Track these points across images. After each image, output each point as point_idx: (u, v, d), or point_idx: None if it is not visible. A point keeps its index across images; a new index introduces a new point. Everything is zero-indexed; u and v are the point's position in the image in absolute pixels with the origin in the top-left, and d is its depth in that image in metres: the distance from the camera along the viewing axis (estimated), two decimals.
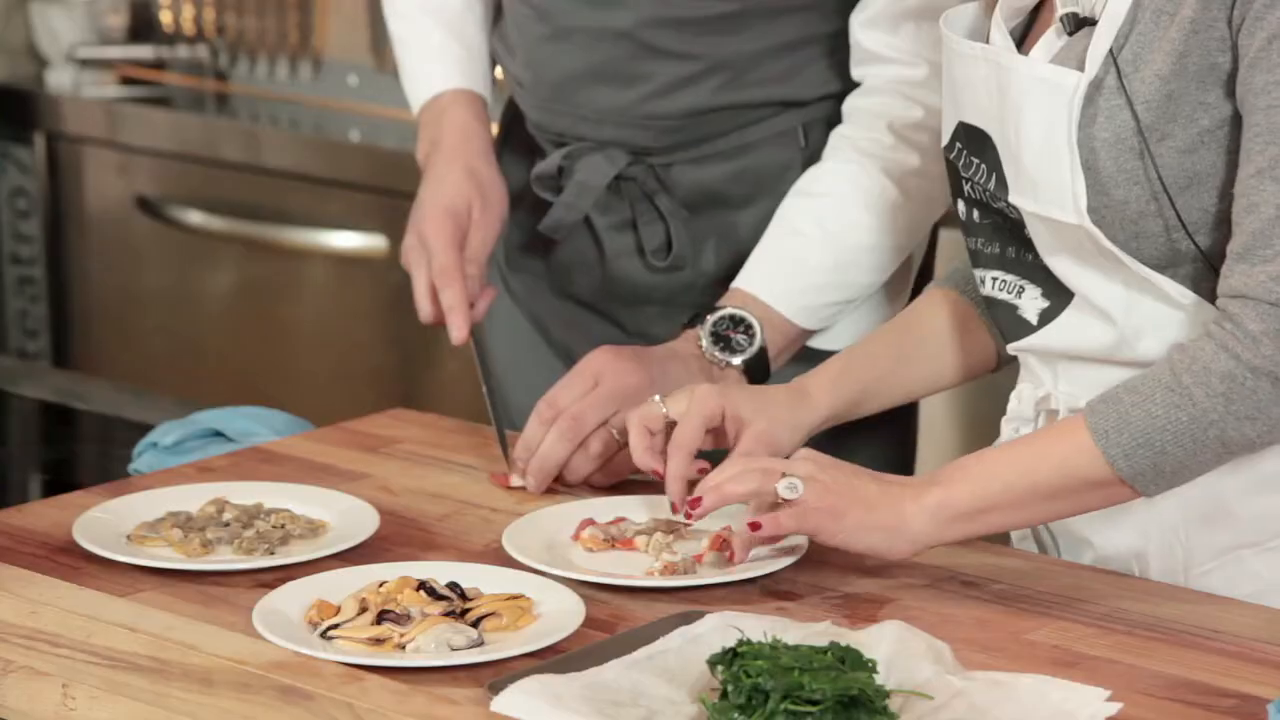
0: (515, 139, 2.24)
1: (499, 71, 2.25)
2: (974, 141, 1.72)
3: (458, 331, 2.02)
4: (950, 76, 1.75)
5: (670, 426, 1.81)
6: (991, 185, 1.71)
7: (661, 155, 2.12)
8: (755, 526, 1.67)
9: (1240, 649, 1.59)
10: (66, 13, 4.03)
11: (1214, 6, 1.60)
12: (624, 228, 2.15)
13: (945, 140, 1.76)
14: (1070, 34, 1.67)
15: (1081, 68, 1.64)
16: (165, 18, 4.05)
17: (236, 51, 3.97)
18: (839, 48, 2.06)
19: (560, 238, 2.17)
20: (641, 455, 1.80)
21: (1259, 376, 1.59)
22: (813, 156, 2.09)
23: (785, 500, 1.66)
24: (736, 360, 1.99)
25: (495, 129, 2.28)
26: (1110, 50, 1.63)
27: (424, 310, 2.06)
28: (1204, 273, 1.66)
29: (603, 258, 2.16)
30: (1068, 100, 1.64)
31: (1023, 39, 1.73)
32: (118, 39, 4.07)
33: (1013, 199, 1.69)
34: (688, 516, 1.71)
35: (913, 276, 2.14)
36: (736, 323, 1.99)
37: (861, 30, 2.03)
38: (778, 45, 2.07)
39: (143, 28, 4.09)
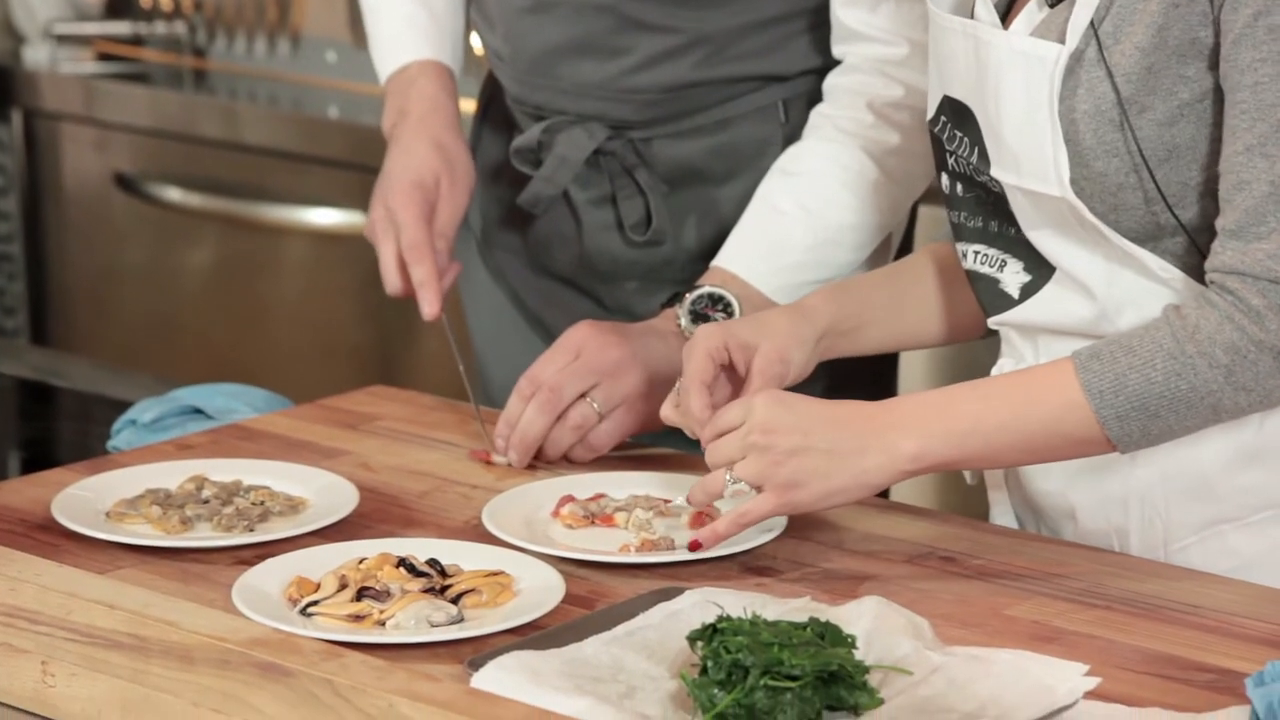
0: (494, 113, 2.24)
1: (478, 46, 2.24)
2: (957, 115, 1.72)
3: (429, 307, 2.02)
4: (935, 50, 1.75)
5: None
6: (974, 159, 1.71)
7: (641, 129, 2.11)
8: (694, 547, 1.67)
9: (1219, 624, 1.60)
10: None
11: None
12: (603, 202, 2.14)
13: (930, 113, 1.76)
14: (1051, 6, 1.67)
15: (1062, 40, 1.64)
16: None
17: (214, 28, 3.96)
18: (821, 23, 2.06)
19: (539, 212, 2.16)
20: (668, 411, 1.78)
21: (1262, 350, 1.59)
22: (793, 132, 2.09)
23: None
24: None
25: (473, 103, 2.28)
26: (1091, 22, 1.63)
27: (391, 283, 2.05)
28: (1186, 247, 1.66)
29: (581, 233, 2.16)
30: (1048, 73, 1.64)
31: (1008, 11, 1.73)
32: (95, 15, 4.05)
33: (994, 172, 1.69)
34: (692, 547, 1.70)
35: (892, 255, 2.14)
36: (715, 301, 1.99)
37: (842, 8, 2.03)
38: (760, 20, 2.06)
39: (120, 4, 4.07)
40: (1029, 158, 1.66)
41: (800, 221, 2.01)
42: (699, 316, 1.99)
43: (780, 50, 2.09)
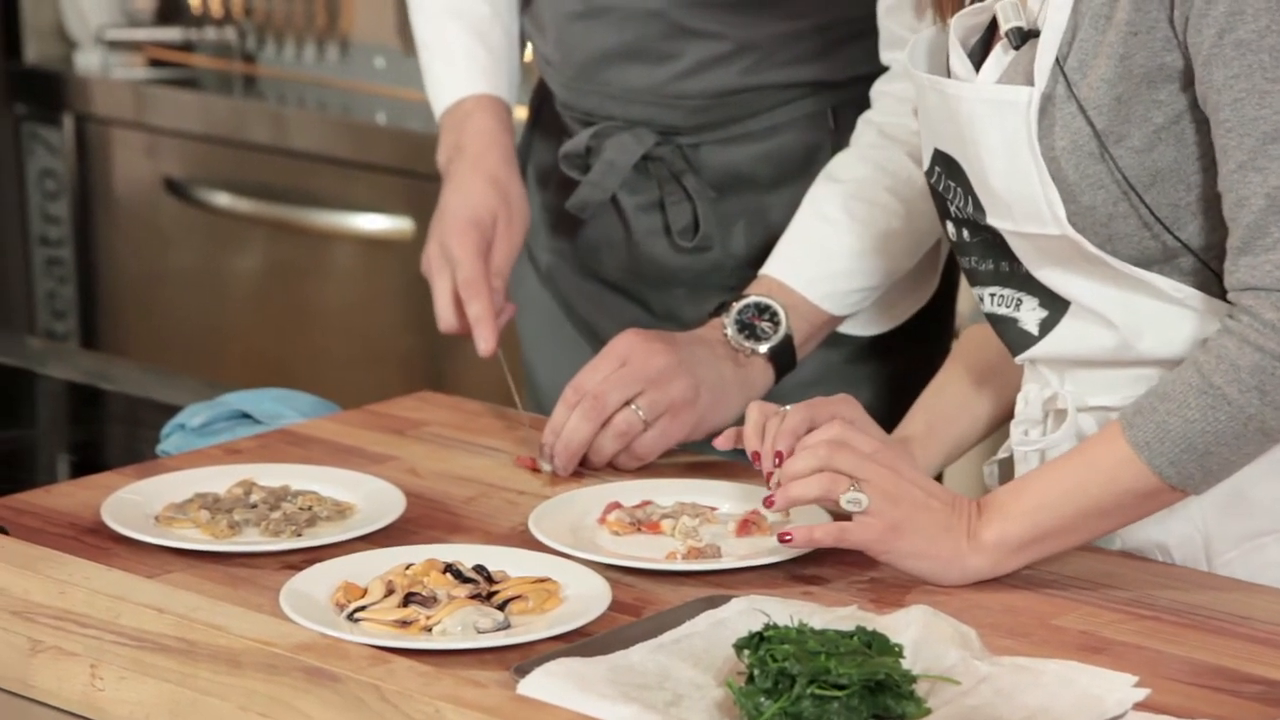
0: (545, 119, 2.24)
1: (529, 52, 2.25)
2: (948, 167, 1.73)
3: (485, 344, 2.01)
4: (919, 105, 1.76)
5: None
6: (970, 209, 1.72)
7: (690, 135, 2.11)
8: (785, 538, 1.67)
9: (1268, 635, 1.59)
10: None
11: (1150, 8, 1.60)
12: (651, 208, 2.15)
13: (926, 165, 1.76)
14: (1017, 48, 1.67)
15: (1031, 81, 1.65)
16: (193, 0, 4.06)
17: (264, 34, 3.98)
18: (869, 30, 2.05)
19: (587, 217, 2.17)
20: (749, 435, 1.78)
21: None
22: (842, 139, 2.08)
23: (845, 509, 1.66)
24: (762, 348, 1.98)
25: (525, 110, 2.28)
26: (1056, 60, 1.64)
27: (446, 320, 2.04)
28: (1195, 265, 1.66)
29: (630, 238, 2.16)
30: (1022, 116, 1.64)
31: (985, 54, 1.73)
32: (146, 21, 4.07)
33: (990, 220, 1.70)
34: (767, 505, 1.70)
35: (941, 261, 2.14)
36: (762, 310, 1.99)
37: (887, 15, 2.03)
38: (808, 27, 2.06)
39: (171, 10, 4.09)
40: (1020, 202, 1.66)
41: (847, 229, 2.00)
42: (745, 326, 1.98)
43: (829, 57, 2.08)
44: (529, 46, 2.24)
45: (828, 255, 2.00)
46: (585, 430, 1.90)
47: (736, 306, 1.98)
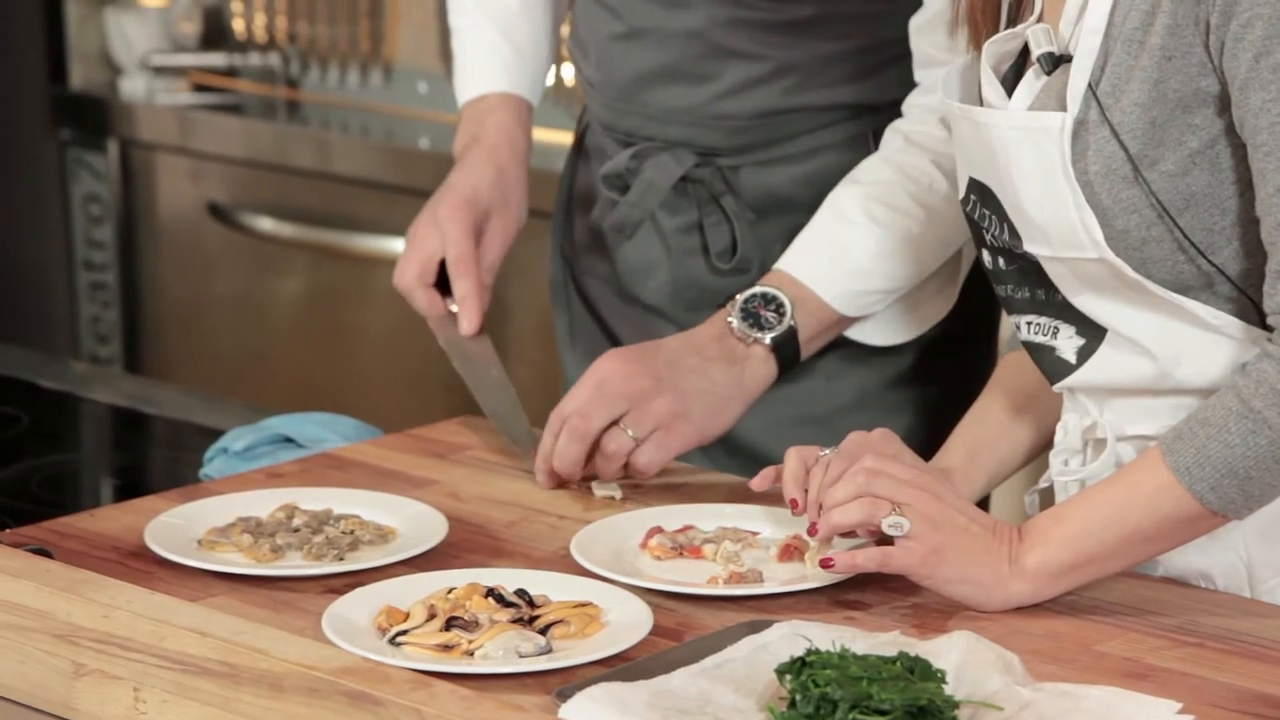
0: (589, 143, 2.25)
1: (568, 78, 2.26)
2: (983, 195, 1.73)
3: (469, 324, 2.05)
4: (954, 135, 1.76)
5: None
6: (1005, 236, 1.72)
7: (729, 157, 2.12)
8: (827, 564, 1.67)
9: None
10: (140, 20, 4.06)
11: (1185, 33, 1.60)
12: (690, 229, 2.15)
13: (961, 194, 1.76)
14: (1049, 74, 1.67)
15: (1063, 106, 1.64)
16: (238, 25, 4.08)
17: (308, 59, 3.99)
18: (910, 53, 2.05)
19: (626, 237, 2.17)
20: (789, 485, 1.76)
21: None
22: None
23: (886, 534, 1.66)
24: (765, 338, 1.98)
25: (555, 132, 2.30)
26: (1089, 85, 1.63)
27: (405, 279, 2.09)
28: (1233, 292, 1.66)
29: (669, 260, 2.17)
30: (1056, 142, 1.64)
31: (1018, 81, 1.72)
32: (191, 46, 4.09)
33: (1027, 248, 1.70)
34: (810, 534, 1.70)
35: (963, 272, 2.13)
36: (768, 301, 1.99)
37: (918, 35, 2.03)
38: (849, 49, 2.06)
39: (215, 35, 4.11)
40: (1056, 228, 1.66)
41: (864, 229, 2.00)
42: (750, 315, 1.99)
43: (869, 79, 2.09)
44: (566, 73, 2.26)
45: (843, 254, 2.00)
46: (574, 449, 1.91)
47: (742, 296, 1.99)
